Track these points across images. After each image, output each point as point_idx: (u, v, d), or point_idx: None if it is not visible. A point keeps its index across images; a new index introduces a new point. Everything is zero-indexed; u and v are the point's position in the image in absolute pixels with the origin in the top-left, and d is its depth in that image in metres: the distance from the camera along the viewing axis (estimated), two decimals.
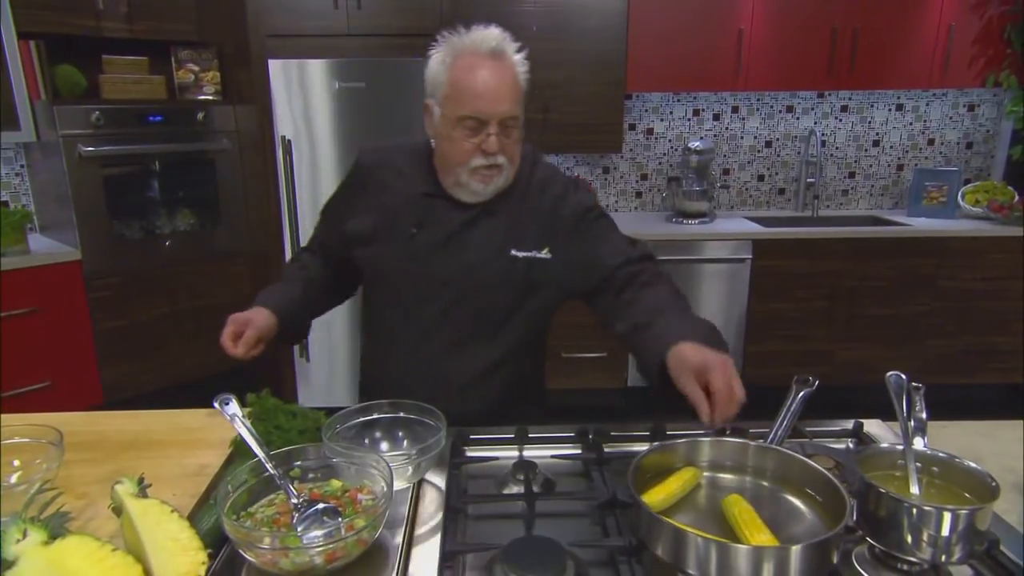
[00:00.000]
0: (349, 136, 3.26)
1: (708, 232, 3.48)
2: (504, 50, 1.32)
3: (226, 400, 1.07)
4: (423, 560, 0.96)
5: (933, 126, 3.99)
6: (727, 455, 1.03)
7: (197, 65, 3.42)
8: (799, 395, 1.13)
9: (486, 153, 1.30)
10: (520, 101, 1.33)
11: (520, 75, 1.33)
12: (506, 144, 1.32)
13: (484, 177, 1.33)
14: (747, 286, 3.48)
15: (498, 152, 1.31)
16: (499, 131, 1.30)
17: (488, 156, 1.31)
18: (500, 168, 1.33)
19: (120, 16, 3.11)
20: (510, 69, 1.31)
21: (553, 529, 1.03)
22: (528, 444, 1.28)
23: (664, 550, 0.88)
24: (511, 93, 1.30)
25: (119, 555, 0.86)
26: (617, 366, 3.55)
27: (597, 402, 3.64)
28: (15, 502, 0.99)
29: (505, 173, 1.35)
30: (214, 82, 3.47)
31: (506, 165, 1.34)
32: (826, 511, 0.93)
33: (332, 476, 1.05)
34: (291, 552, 0.86)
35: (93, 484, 1.11)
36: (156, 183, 3.34)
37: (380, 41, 3.22)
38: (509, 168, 1.35)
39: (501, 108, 1.29)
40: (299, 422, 1.16)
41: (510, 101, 1.30)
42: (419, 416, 1.18)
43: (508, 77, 1.30)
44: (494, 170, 1.33)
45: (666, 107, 3.88)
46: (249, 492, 0.99)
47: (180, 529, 0.91)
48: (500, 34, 1.33)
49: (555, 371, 3.50)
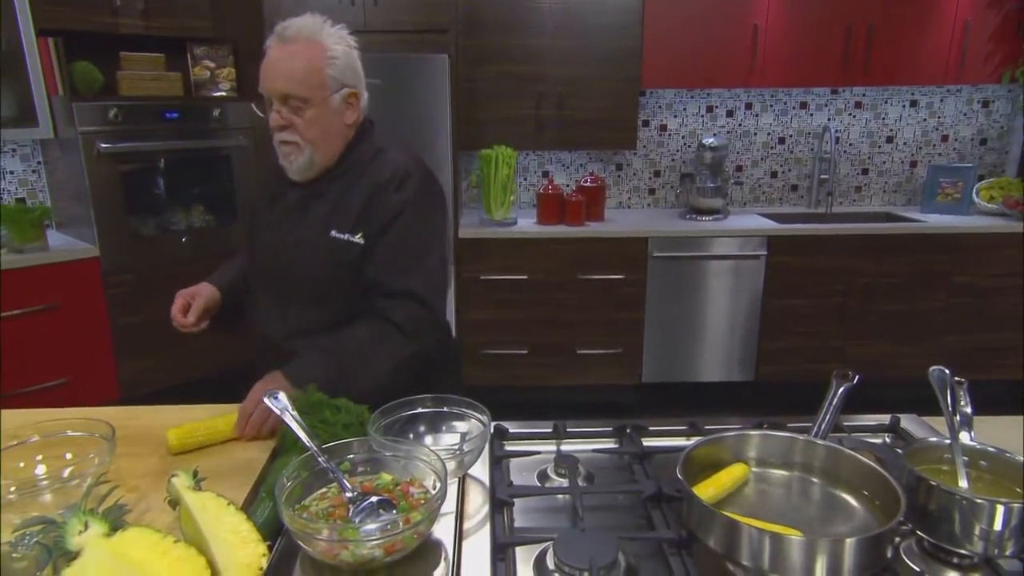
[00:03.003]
0: None
1: (723, 229, 3.48)
2: (296, 36, 1.38)
3: (275, 395, 1.08)
4: (474, 552, 0.97)
5: (947, 122, 3.99)
6: (775, 450, 1.04)
7: (213, 62, 3.43)
8: (840, 390, 1.14)
9: (272, 128, 1.41)
10: (310, 83, 1.37)
11: (316, 58, 1.38)
12: (295, 122, 1.39)
13: (284, 153, 1.44)
14: (761, 283, 3.49)
15: (281, 128, 1.40)
16: (284, 108, 1.38)
17: (276, 131, 1.41)
18: (296, 145, 1.41)
19: (137, 13, 3.12)
20: (300, 51, 1.38)
21: (597, 521, 1.05)
22: (566, 439, 1.30)
23: (717, 542, 0.89)
24: (291, 72, 1.37)
25: (181, 547, 0.87)
26: (631, 362, 3.56)
27: (611, 398, 3.65)
28: (69, 495, 1.01)
29: (307, 152, 1.42)
30: (229, 79, 3.48)
31: (303, 143, 1.41)
32: (876, 506, 0.94)
33: (381, 470, 1.06)
34: (351, 544, 0.87)
35: (143, 477, 1.12)
36: (172, 180, 3.36)
37: (395, 37, 3.23)
38: (310, 147, 1.42)
39: (276, 85, 1.38)
40: (343, 416, 1.17)
41: (288, 80, 1.37)
42: (461, 410, 1.19)
43: (293, 58, 1.37)
44: (290, 146, 1.42)
45: (680, 103, 3.88)
46: (302, 485, 1.00)
47: (239, 521, 0.92)
48: (307, 20, 1.40)
49: (570, 367, 3.54)
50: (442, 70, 3.18)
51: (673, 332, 3.55)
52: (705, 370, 3.61)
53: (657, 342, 3.55)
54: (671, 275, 3.47)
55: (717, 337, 3.57)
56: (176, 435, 1.21)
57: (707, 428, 1.28)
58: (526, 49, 3.44)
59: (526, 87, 3.48)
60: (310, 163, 1.44)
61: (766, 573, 0.85)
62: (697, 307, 3.52)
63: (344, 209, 1.46)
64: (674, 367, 3.61)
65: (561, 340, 3.53)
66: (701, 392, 3.66)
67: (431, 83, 3.20)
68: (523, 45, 3.43)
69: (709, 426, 1.28)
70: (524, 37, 3.42)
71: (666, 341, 3.56)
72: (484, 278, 3.43)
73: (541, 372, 3.57)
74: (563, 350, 3.55)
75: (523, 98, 3.50)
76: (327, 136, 1.43)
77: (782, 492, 1.03)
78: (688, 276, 3.47)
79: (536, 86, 3.48)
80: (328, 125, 1.42)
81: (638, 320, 3.51)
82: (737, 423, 1.24)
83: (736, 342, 3.57)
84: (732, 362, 3.60)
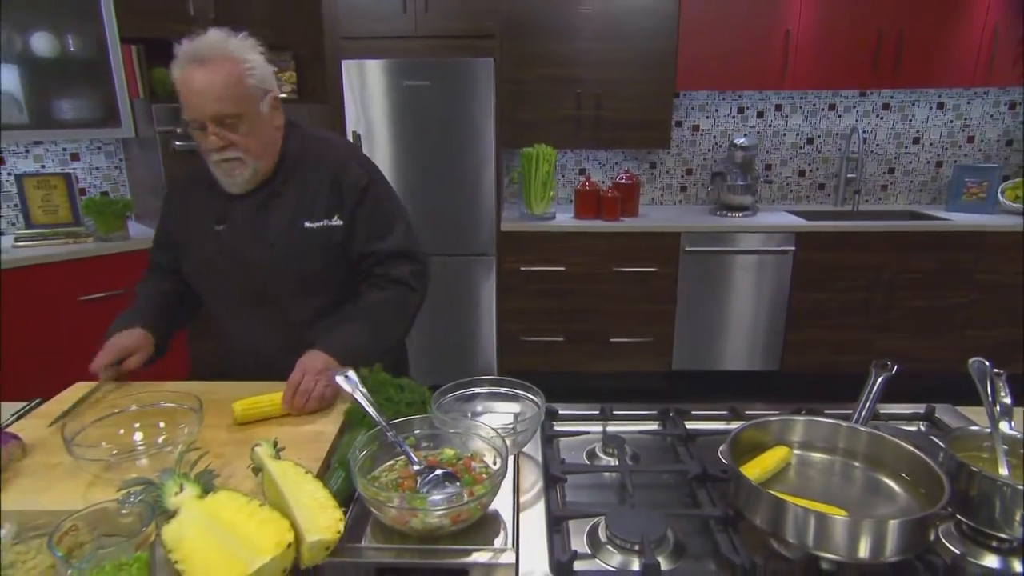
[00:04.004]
0: (414, 130, 3.29)
1: (752, 225, 3.43)
2: (211, 55, 1.31)
3: (346, 374, 1.10)
4: (531, 524, 0.98)
5: (973, 124, 3.86)
6: (819, 435, 1.03)
7: (275, 66, 3.44)
8: (879, 379, 1.12)
9: (209, 151, 1.34)
10: (237, 97, 1.32)
11: (236, 72, 1.32)
12: (234, 139, 1.34)
13: (226, 171, 1.38)
14: (788, 276, 3.43)
15: (222, 148, 1.34)
16: (219, 129, 1.32)
17: (214, 152, 1.35)
18: (240, 161, 1.37)
19: (208, 22, 3.17)
20: (220, 70, 1.31)
21: (644, 499, 1.05)
22: (611, 420, 1.30)
23: (763, 519, 0.88)
24: (221, 92, 1.30)
25: (267, 510, 0.89)
26: (662, 351, 3.54)
27: (641, 384, 3.63)
28: (163, 460, 1.04)
29: (251, 164, 1.38)
30: (291, 82, 3.52)
31: (246, 157, 1.37)
32: (918, 490, 0.92)
33: (443, 445, 1.07)
34: (420, 513, 0.88)
35: (226, 446, 1.15)
36: None
37: (444, 43, 3.23)
38: (252, 159, 1.38)
39: (205, 109, 1.31)
40: (407, 395, 1.18)
41: (219, 100, 1.30)
42: (516, 391, 1.20)
43: (216, 79, 1.30)
44: (234, 163, 1.37)
45: (712, 105, 3.82)
46: (371, 458, 1.02)
47: (316, 488, 0.94)
48: (214, 37, 1.34)
49: (603, 355, 3.53)
50: (487, 73, 3.18)
51: (703, 322, 3.51)
52: (732, 359, 3.57)
53: (687, 332, 3.52)
54: (702, 268, 3.43)
55: (745, 328, 3.52)
56: (240, 407, 1.24)
57: (747, 413, 1.27)
58: (566, 53, 3.42)
59: (566, 89, 3.46)
60: (254, 174, 1.40)
61: (811, 550, 0.85)
62: (726, 299, 3.47)
63: (311, 199, 1.44)
64: (703, 356, 3.57)
65: (595, 328, 3.52)
66: (728, 380, 3.62)
67: (477, 85, 3.20)
68: (564, 49, 3.41)
69: (749, 411, 1.27)
70: (565, 42, 3.40)
71: (696, 331, 3.52)
72: (524, 269, 3.43)
73: (576, 358, 3.57)
74: (597, 338, 3.54)
75: (563, 99, 3.48)
76: (265, 144, 1.40)
77: (824, 475, 1.01)
78: (718, 269, 3.43)
79: (575, 88, 3.46)
80: (263, 134, 1.39)
81: (669, 311, 3.48)
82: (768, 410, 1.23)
83: (763, 333, 3.52)
84: (758, 352, 3.55)
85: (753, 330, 3.52)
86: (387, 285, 1.47)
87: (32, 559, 0.87)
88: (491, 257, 3.40)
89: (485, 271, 3.42)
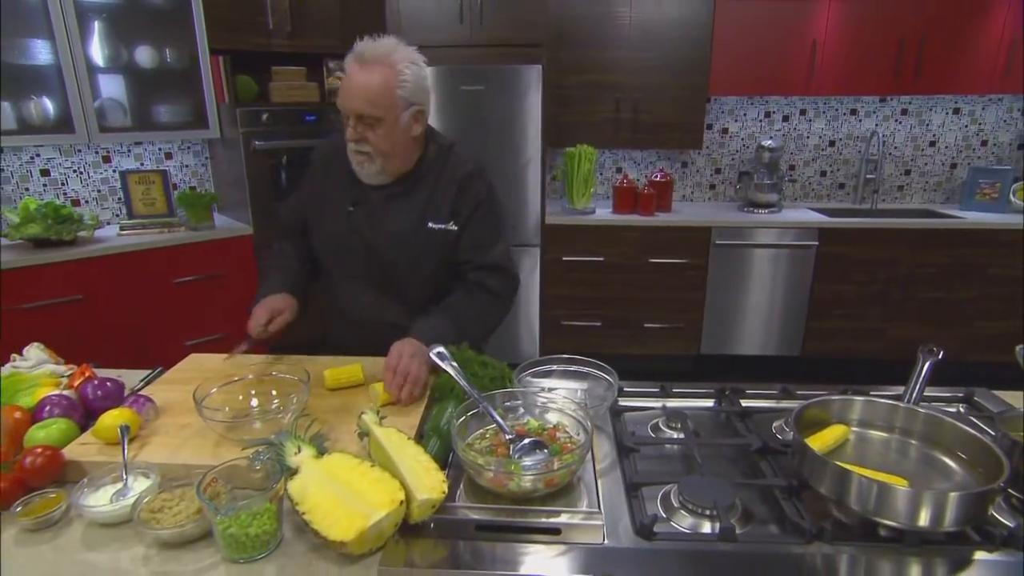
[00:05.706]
0: (470, 131, 3.28)
1: (778, 221, 3.36)
2: (373, 59, 1.31)
3: (439, 351, 1.11)
4: (609, 490, 0.98)
5: (987, 128, 3.72)
6: (877, 415, 1.01)
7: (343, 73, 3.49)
8: (927, 363, 1.09)
9: (348, 139, 1.36)
10: (383, 103, 1.31)
11: (390, 81, 1.31)
12: (369, 137, 1.34)
13: (357, 160, 1.39)
14: (811, 269, 3.36)
15: (358, 140, 1.35)
16: (359, 124, 1.33)
17: (351, 142, 1.36)
18: (369, 156, 1.37)
19: (285, 34, 3.21)
20: (376, 75, 1.30)
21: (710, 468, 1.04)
22: (671, 397, 1.29)
23: (828, 488, 0.87)
24: (367, 94, 1.30)
25: (377, 470, 0.91)
26: (691, 336, 3.50)
27: (670, 367, 3.61)
28: (277, 425, 1.07)
29: (378, 161, 1.38)
30: None
31: (375, 154, 1.37)
32: (974, 467, 0.90)
33: (527, 416, 1.08)
34: (516, 476, 0.89)
35: (329, 413, 1.17)
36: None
37: (497, 50, 3.21)
38: (381, 158, 1.38)
39: (353, 105, 1.32)
40: (490, 371, 1.19)
41: (366, 101, 1.31)
42: (589, 369, 1.20)
43: (370, 81, 1.30)
44: (363, 156, 1.37)
45: (740, 109, 3.75)
46: (464, 427, 1.03)
47: (418, 452, 0.96)
48: (384, 44, 1.33)
49: (637, 339, 3.51)
50: (536, 78, 3.16)
51: (730, 310, 3.46)
52: (756, 344, 3.52)
53: (715, 319, 3.47)
54: (730, 260, 3.38)
55: (768, 316, 3.46)
56: (331, 375, 1.27)
57: (798, 393, 1.25)
58: (607, 61, 3.38)
59: (606, 94, 3.42)
60: (381, 171, 1.40)
61: (872, 517, 0.84)
62: (752, 289, 3.42)
63: (438, 202, 1.45)
64: (729, 341, 3.52)
65: (630, 315, 3.50)
66: (751, 364, 3.57)
67: (525, 89, 3.18)
68: (605, 58, 3.37)
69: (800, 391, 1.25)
70: (606, 51, 3.36)
71: (723, 318, 3.47)
72: (565, 259, 3.42)
73: (611, 342, 3.55)
74: (631, 323, 3.51)
75: (603, 103, 3.44)
76: (395, 149, 1.39)
77: (882, 450, 1.00)
78: (745, 262, 3.38)
79: (615, 93, 3.42)
80: (396, 139, 1.37)
81: (699, 299, 3.44)
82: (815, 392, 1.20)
83: (786, 321, 3.46)
84: (781, 338, 3.49)
85: (776, 318, 3.46)
86: (480, 292, 1.47)
87: (177, 504, 0.90)
88: (536, 248, 3.40)
89: (531, 260, 3.42)
